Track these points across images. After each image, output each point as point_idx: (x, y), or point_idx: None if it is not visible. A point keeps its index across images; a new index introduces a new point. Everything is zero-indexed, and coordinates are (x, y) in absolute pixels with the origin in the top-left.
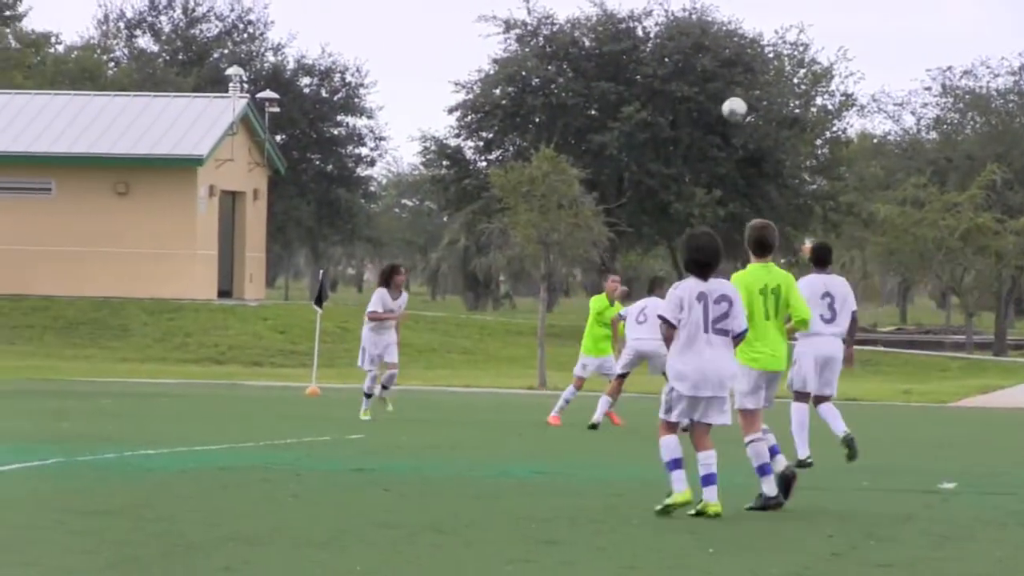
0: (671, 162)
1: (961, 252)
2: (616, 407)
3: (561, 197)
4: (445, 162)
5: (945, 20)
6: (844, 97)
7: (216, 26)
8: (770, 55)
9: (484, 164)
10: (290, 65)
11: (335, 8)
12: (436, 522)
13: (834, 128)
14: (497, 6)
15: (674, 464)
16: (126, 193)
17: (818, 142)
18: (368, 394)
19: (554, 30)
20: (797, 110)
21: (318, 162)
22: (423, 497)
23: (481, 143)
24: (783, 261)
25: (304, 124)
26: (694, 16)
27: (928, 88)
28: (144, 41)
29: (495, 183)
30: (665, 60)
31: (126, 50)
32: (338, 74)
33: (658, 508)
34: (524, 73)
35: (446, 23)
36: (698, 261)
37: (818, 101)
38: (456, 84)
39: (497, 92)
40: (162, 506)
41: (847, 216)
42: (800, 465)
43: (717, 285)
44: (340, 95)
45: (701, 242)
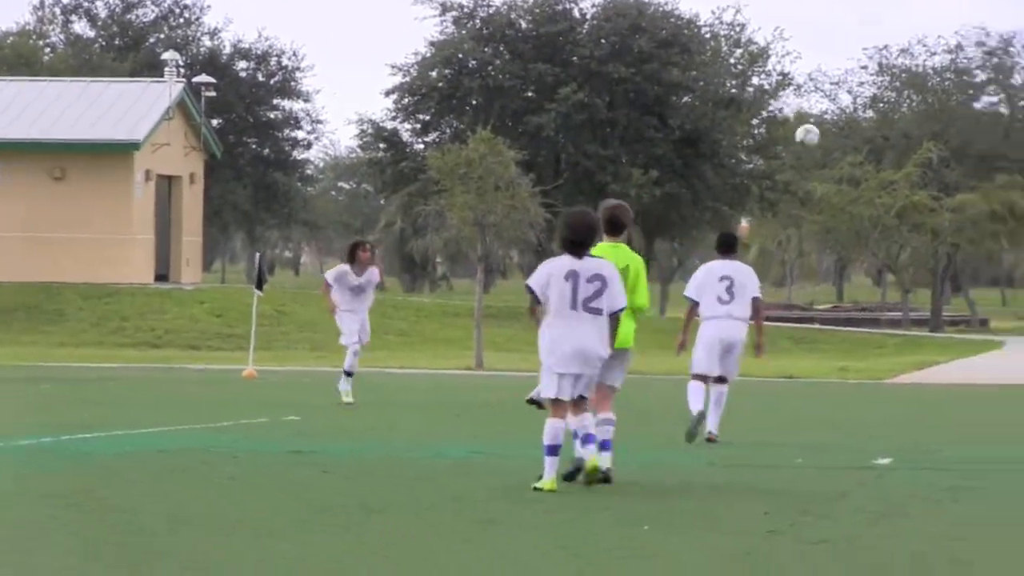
0: (608, 143)
1: (897, 230)
2: None
3: (498, 179)
4: (382, 145)
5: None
6: (780, 77)
7: (152, 11)
8: (707, 35)
9: (421, 146)
10: (226, 49)
11: None
12: (374, 503)
13: (771, 108)
14: None
15: (550, 450)
16: (62, 178)
17: (755, 122)
18: (349, 372)
19: (490, 12)
20: (734, 90)
21: (255, 146)
22: (360, 479)
23: (418, 125)
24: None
25: (240, 108)
26: None
27: (864, 67)
28: (80, 26)
29: (432, 165)
30: (602, 41)
31: (62, 36)
32: (274, 58)
33: (534, 486)
34: (461, 55)
35: (382, 6)
36: (570, 240)
37: (755, 81)
38: (393, 67)
39: (434, 75)
40: (105, 489)
41: (784, 195)
42: (699, 418)
43: (592, 264)
44: (276, 79)
45: (574, 220)
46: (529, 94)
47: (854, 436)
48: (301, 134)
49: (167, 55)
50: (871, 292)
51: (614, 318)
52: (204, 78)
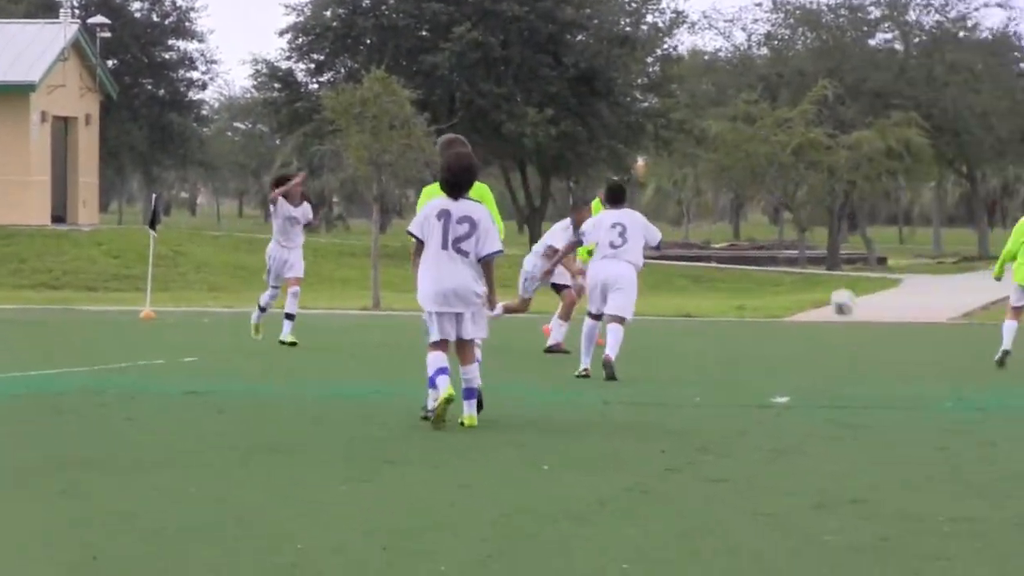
0: (502, 82)
1: (793, 167)
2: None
3: (393, 118)
4: (276, 85)
5: None
6: (675, 15)
7: None
8: None
9: (315, 86)
10: None
11: None
12: (271, 443)
13: (665, 46)
14: None
15: (438, 372)
16: None
17: (649, 60)
18: (263, 307)
19: None
20: (628, 28)
21: (150, 87)
22: (257, 419)
23: (312, 65)
24: (620, 178)
25: (135, 49)
26: None
27: (759, 4)
28: None
29: (326, 105)
30: None
31: None
32: None
33: (429, 416)
34: None
35: None
36: (447, 181)
37: (649, 19)
38: (287, 7)
39: (328, 14)
40: None
41: (679, 133)
42: (580, 376)
43: (466, 206)
44: (171, 19)
45: (451, 162)
46: (423, 33)
47: (752, 375)
48: (196, 75)
49: None
50: (768, 230)
51: (487, 265)
52: (99, 19)
